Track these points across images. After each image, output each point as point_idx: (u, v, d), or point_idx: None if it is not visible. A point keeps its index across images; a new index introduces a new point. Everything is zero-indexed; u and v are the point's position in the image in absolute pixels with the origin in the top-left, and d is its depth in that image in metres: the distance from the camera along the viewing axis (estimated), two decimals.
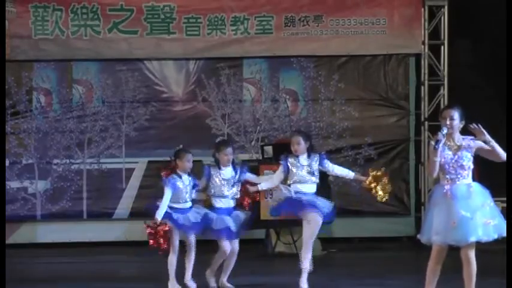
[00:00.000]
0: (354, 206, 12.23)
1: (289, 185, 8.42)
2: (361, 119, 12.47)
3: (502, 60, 10.56)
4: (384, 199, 8.51)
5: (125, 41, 12.20)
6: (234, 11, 12.23)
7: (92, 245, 11.84)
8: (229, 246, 8.41)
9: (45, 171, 12.22)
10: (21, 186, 12.19)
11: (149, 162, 12.23)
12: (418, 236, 7.06)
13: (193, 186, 8.41)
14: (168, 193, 8.22)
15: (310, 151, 8.55)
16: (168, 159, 8.92)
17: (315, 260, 9.81)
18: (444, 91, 12.53)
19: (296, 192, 8.36)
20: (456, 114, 7.03)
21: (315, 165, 8.47)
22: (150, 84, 12.40)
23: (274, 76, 12.48)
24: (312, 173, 8.45)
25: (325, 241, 11.33)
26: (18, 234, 12.11)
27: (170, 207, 8.24)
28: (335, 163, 8.89)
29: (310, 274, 8.37)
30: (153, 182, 12.02)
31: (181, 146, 8.64)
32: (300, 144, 8.45)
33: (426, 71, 12.56)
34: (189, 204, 8.37)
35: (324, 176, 11.06)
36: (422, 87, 12.60)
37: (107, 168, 12.30)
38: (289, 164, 8.44)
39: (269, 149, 11.24)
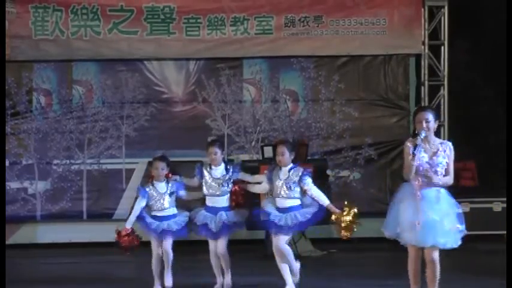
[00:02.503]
0: (354, 207, 12.21)
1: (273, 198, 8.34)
2: (361, 119, 12.46)
3: (502, 60, 10.55)
4: (344, 237, 8.24)
5: (125, 42, 12.19)
6: (234, 11, 12.22)
7: (92, 245, 11.82)
8: (211, 241, 8.49)
9: (45, 172, 12.22)
10: (21, 186, 12.19)
11: (149, 162, 12.14)
12: (382, 229, 7.07)
13: (173, 193, 8.49)
14: (138, 201, 8.46)
15: (295, 163, 8.27)
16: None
17: (314, 260, 9.86)
18: (444, 91, 12.53)
19: (277, 209, 8.21)
20: (431, 116, 7.04)
21: (295, 179, 8.15)
22: (150, 84, 12.40)
23: (274, 76, 12.47)
24: (289, 188, 8.15)
25: (325, 241, 11.34)
26: (18, 235, 12.11)
27: (151, 216, 8.46)
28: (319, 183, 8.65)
29: (310, 274, 8.37)
30: None
31: (159, 154, 8.89)
32: (284, 155, 8.22)
33: (426, 71, 12.56)
34: (169, 211, 8.48)
35: (324, 176, 11.13)
36: (422, 88, 12.60)
37: (107, 169, 12.30)
38: (272, 176, 8.27)
39: (269, 150, 11.21)
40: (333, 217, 8.14)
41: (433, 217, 6.77)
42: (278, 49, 12.30)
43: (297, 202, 8.21)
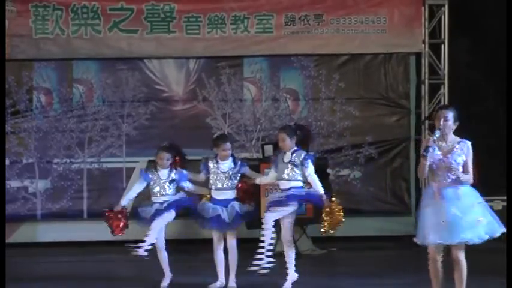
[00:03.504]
0: (354, 205, 12.22)
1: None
2: (362, 118, 12.46)
3: (502, 59, 10.55)
4: (329, 231, 8.27)
5: (125, 40, 12.19)
6: (234, 10, 12.22)
7: (92, 244, 11.82)
8: (218, 236, 8.50)
9: (45, 171, 12.23)
10: (22, 185, 12.20)
11: (149, 161, 12.15)
12: (415, 239, 7.06)
13: (174, 181, 8.57)
14: (138, 183, 8.73)
15: (298, 147, 8.38)
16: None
17: (315, 258, 9.85)
18: (444, 90, 12.53)
19: (282, 190, 8.33)
20: (450, 115, 7.02)
21: (297, 161, 8.25)
22: (151, 83, 12.41)
23: (274, 75, 12.47)
24: (292, 169, 8.25)
25: (325, 240, 11.33)
26: (19, 234, 12.12)
27: (151, 203, 8.57)
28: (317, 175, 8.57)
29: (310, 272, 8.37)
30: None
31: (165, 143, 8.87)
32: (285, 140, 8.35)
33: (426, 70, 12.56)
34: (169, 197, 8.54)
35: (324, 175, 11.12)
36: (422, 86, 12.60)
37: (107, 168, 12.31)
38: (278, 162, 8.40)
39: (269, 148, 11.21)
40: (326, 206, 8.17)
41: (456, 213, 6.77)
42: (278, 48, 12.30)
43: (299, 184, 8.30)
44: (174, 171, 8.61)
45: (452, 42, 12.51)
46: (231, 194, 8.54)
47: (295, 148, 8.35)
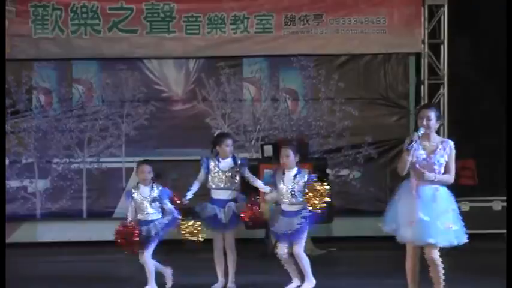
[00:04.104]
0: (354, 205, 12.26)
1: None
2: (361, 118, 12.46)
3: (502, 59, 10.54)
4: (317, 206, 7.99)
5: (124, 40, 12.19)
6: (234, 9, 12.22)
7: (92, 244, 11.81)
8: (218, 236, 8.45)
9: (45, 171, 12.23)
10: (21, 185, 12.20)
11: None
12: (380, 225, 7.08)
13: (156, 200, 8.29)
14: (128, 204, 8.44)
15: (300, 167, 8.19)
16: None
17: (314, 259, 9.79)
18: (444, 90, 12.53)
19: (282, 213, 8.16)
20: (433, 114, 7.04)
21: (301, 185, 8.06)
22: (150, 83, 12.40)
23: (274, 75, 12.47)
24: (293, 195, 8.09)
25: (324, 240, 11.34)
26: (18, 234, 12.12)
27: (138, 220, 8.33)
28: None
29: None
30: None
31: (144, 159, 8.74)
32: (289, 157, 8.15)
33: (426, 70, 12.56)
34: (153, 216, 8.30)
35: (323, 175, 11.11)
36: (422, 86, 12.59)
37: (107, 168, 12.30)
38: (276, 180, 8.22)
39: (269, 148, 11.23)
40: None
41: (425, 217, 6.78)
42: (278, 48, 12.30)
43: (302, 206, 8.14)
44: (156, 188, 8.35)
45: (451, 42, 12.51)
46: (230, 194, 8.47)
47: (297, 170, 8.16)
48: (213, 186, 8.51)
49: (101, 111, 12.32)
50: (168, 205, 8.33)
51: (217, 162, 8.49)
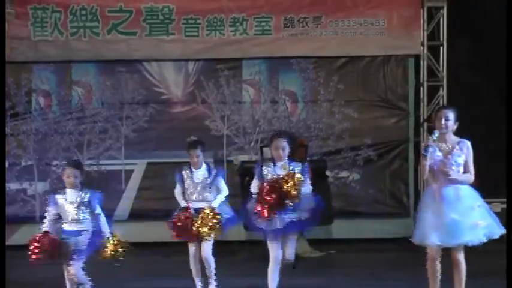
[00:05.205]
0: (353, 207, 12.27)
1: None
2: (361, 120, 12.46)
3: (502, 61, 10.55)
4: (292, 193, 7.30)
5: (124, 43, 12.20)
6: (233, 11, 12.22)
7: None
8: (193, 245, 8.03)
9: (44, 173, 12.23)
10: (21, 187, 12.20)
11: (148, 163, 12.24)
12: (412, 239, 7.08)
13: (82, 205, 7.53)
14: (47, 209, 7.81)
15: (292, 158, 7.60)
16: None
17: (313, 261, 9.83)
18: (443, 92, 12.53)
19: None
20: (451, 115, 7.06)
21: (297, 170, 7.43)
22: (149, 85, 12.40)
23: (273, 77, 12.47)
24: None
25: (324, 242, 11.34)
26: (18, 236, 12.07)
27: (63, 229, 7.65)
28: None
29: (309, 275, 8.35)
30: (153, 184, 12.06)
31: (73, 160, 8.54)
32: (285, 150, 7.53)
33: (425, 72, 12.57)
34: (82, 226, 7.59)
35: (323, 177, 11.11)
36: (421, 88, 12.60)
37: (106, 170, 12.30)
38: (263, 172, 7.58)
39: (268, 150, 11.20)
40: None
41: (454, 216, 6.80)
42: (277, 50, 12.30)
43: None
44: (85, 192, 7.56)
45: (451, 44, 12.51)
46: (205, 206, 7.99)
47: (288, 160, 7.55)
48: (189, 198, 8.12)
49: (100, 114, 12.32)
50: (98, 210, 7.62)
51: (190, 173, 8.16)
